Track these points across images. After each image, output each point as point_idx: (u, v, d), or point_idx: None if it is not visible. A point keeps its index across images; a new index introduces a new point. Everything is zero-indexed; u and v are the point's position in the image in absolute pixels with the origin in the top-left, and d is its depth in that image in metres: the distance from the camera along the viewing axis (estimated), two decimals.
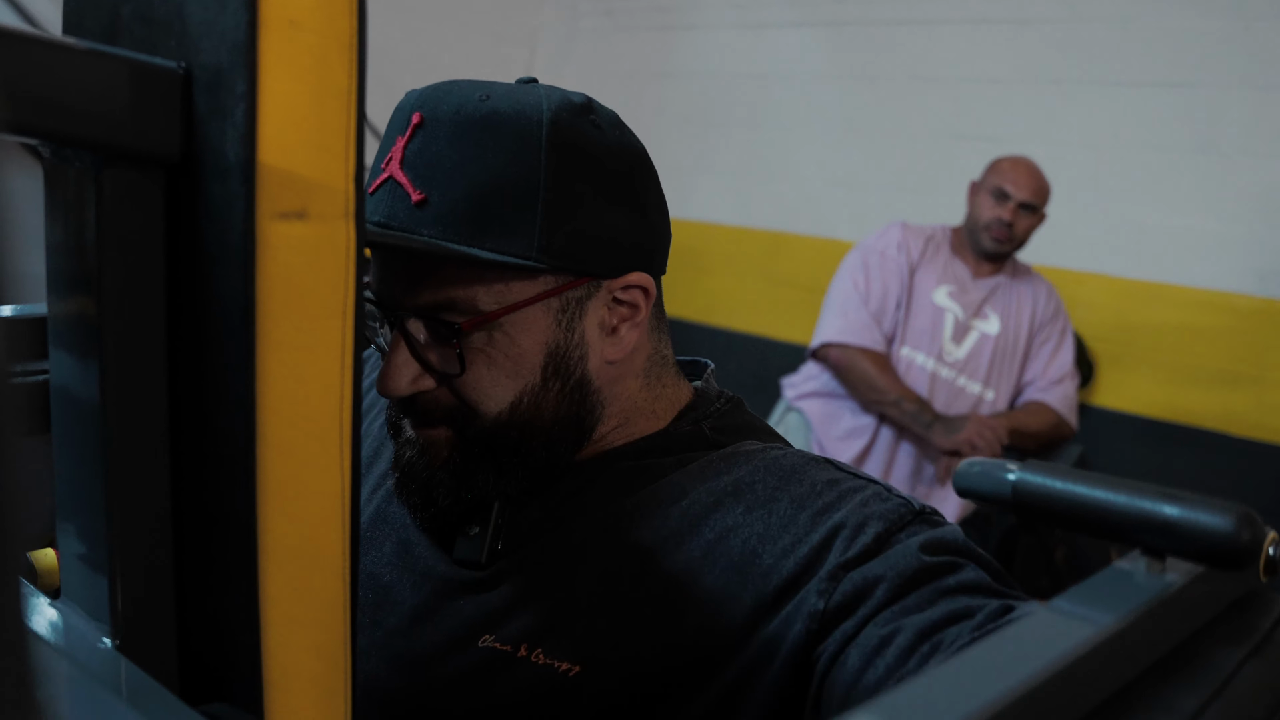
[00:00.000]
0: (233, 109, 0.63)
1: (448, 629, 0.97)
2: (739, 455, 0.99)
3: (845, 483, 0.95)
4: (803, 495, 0.93)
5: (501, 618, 0.95)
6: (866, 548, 0.89)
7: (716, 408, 1.07)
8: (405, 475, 0.99)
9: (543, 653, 0.92)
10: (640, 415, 1.03)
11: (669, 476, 0.98)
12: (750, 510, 0.93)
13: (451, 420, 0.95)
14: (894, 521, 0.91)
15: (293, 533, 0.67)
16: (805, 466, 0.97)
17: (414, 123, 0.91)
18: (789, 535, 0.91)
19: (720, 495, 0.95)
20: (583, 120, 0.92)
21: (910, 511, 0.92)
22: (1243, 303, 3.71)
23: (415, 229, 0.89)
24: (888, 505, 0.92)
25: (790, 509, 0.93)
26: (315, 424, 0.66)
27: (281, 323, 0.64)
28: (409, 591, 1.02)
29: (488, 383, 0.93)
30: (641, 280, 0.97)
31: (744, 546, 0.92)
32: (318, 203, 0.64)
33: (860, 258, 3.15)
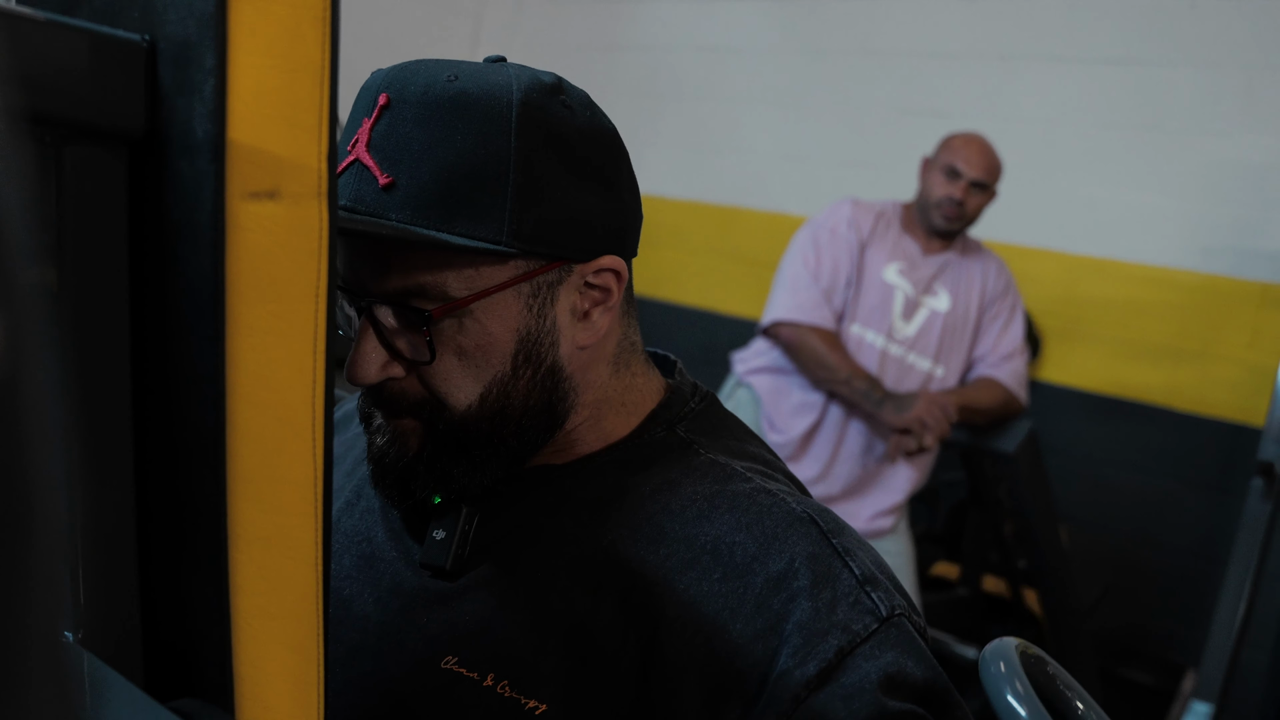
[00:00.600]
0: (201, 84, 0.60)
1: (413, 647, 0.94)
2: (721, 497, 0.96)
3: (821, 561, 0.91)
4: (779, 574, 0.90)
5: (467, 639, 0.93)
6: (828, 663, 0.86)
7: (690, 407, 1.04)
8: (379, 466, 0.96)
9: (509, 685, 0.90)
10: (611, 408, 1.01)
11: (647, 509, 0.95)
12: (726, 579, 0.90)
13: (420, 412, 0.93)
14: (857, 634, 0.87)
15: (264, 521, 0.65)
16: (787, 531, 0.93)
17: (380, 104, 0.88)
18: (760, 619, 0.88)
19: (699, 552, 0.92)
20: (553, 101, 0.90)
21: (877, 620, 0.89)
22: (1188, 279, 3.75)
23: (383, 213, 0.86)
24: (855, 611, 0.89)
25: (763, 589, 0.90)
26: (286, 410, 0.64)
27: (252, 305, 0.62)
28: (371, 606, 0.99)
29: (458, 371, 0.91)
30: (614, 264, 0.94)
31: (715, 618, 0.89)
32: (290, 182, 0.62)
33: (810, 235, 3.15)
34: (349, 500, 1.07)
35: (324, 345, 0.65)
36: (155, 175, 0.63)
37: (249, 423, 0.63)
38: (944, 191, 3.03)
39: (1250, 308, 3.63)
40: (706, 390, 1.08)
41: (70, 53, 0.61)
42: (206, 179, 0.61)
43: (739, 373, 3.29)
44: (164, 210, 0.63)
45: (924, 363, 3.10)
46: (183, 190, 0.62)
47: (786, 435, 3.12)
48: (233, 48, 0.60)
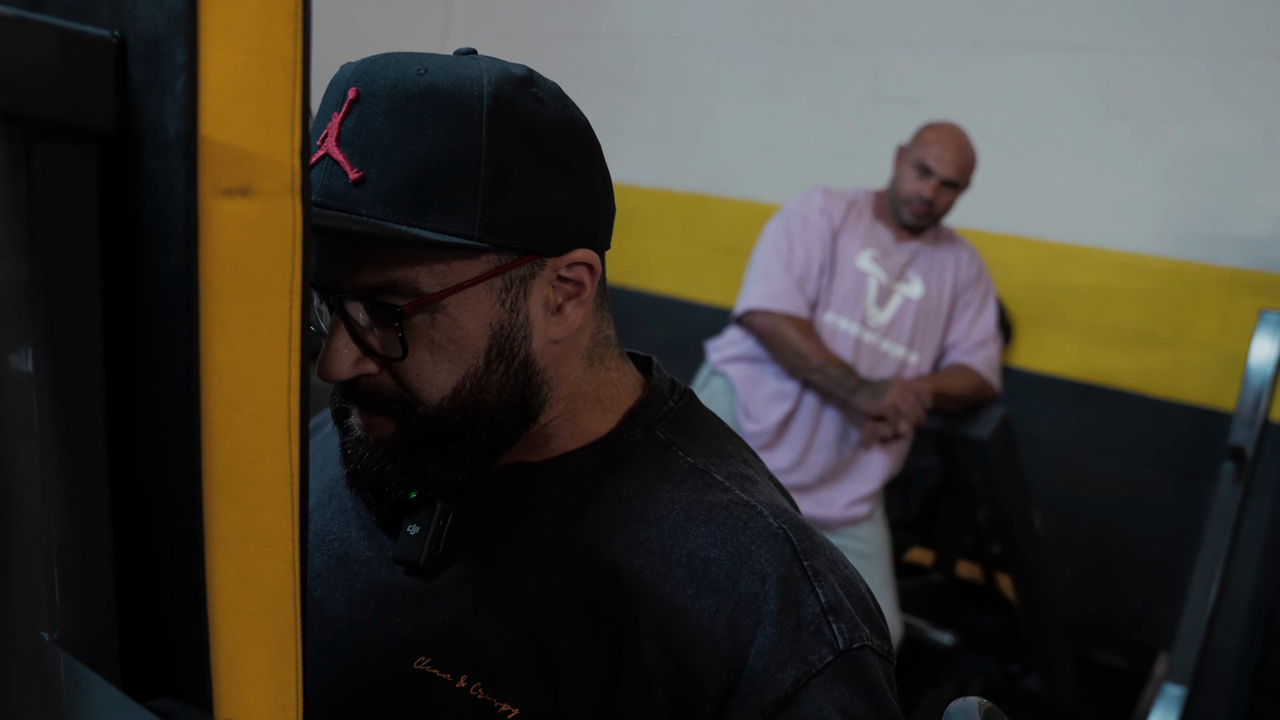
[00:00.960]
0: (172, 81, 0.60)
1: (386, 648, 0.94)
2: (699, 509, 0.96)
3: (790, 585, 0.92)
4: (749, 597, 0.91)
5: (440, 640, 0.93)
6: (784, 694, 0.87)
7: (670, 406, 1.04)
8: (353, 469, 0.96)
9: (482, 688, 0.90)
10: (586, 404, 1.01)
11: (624, 517, 0.96)
12: (699, 596, 0.91)
13: (393, 408, 0.92)
14: (813, 665, 0.89)
15: (240, 520, 0.65)
16: (761, 550, 0.93)
17: (350, 98, 0.87)
18: (728, 641, 0.89)
19: (674, 566, 0.92)
20: (524, 94, 0.89)
21: (833, 653, 0.90)
22: (1159, 264, 3.77)
23: (353, 208, 0.85)
24: (814, 641, 0.90)
25: (734, 611, 0.90)
26: (262, 408, 0.64)
27: (226, 304, 0.62)
28: (344, 607, 0.98)
29: (430, 367, 0.90)
30: (586, 257, 0.94)
31: (688, 635, 0.90)
32: (262, 179, 0.62)
33: (783, 224, 3.15)
34: (320, 501, 1.07)
35: (299, 343, 0.65)
36: (127, 173, 0.63)
37: (224, 421, 0.63)
38: (913, 188, 3.03)
39: (1220, 293, 3.65)
40: (685, 388, 1.07)
41: (39, 49, 0.60)
42: (179, 176, 0.60)
43: (714, 361, 3.29)
44: (136, 208, 0.63)
45: (898, 350, 3.10)
46: (155, 188, 0.61)
47: (762, 424, 3.13)
48: (204, 43, 0.60)
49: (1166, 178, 3.75)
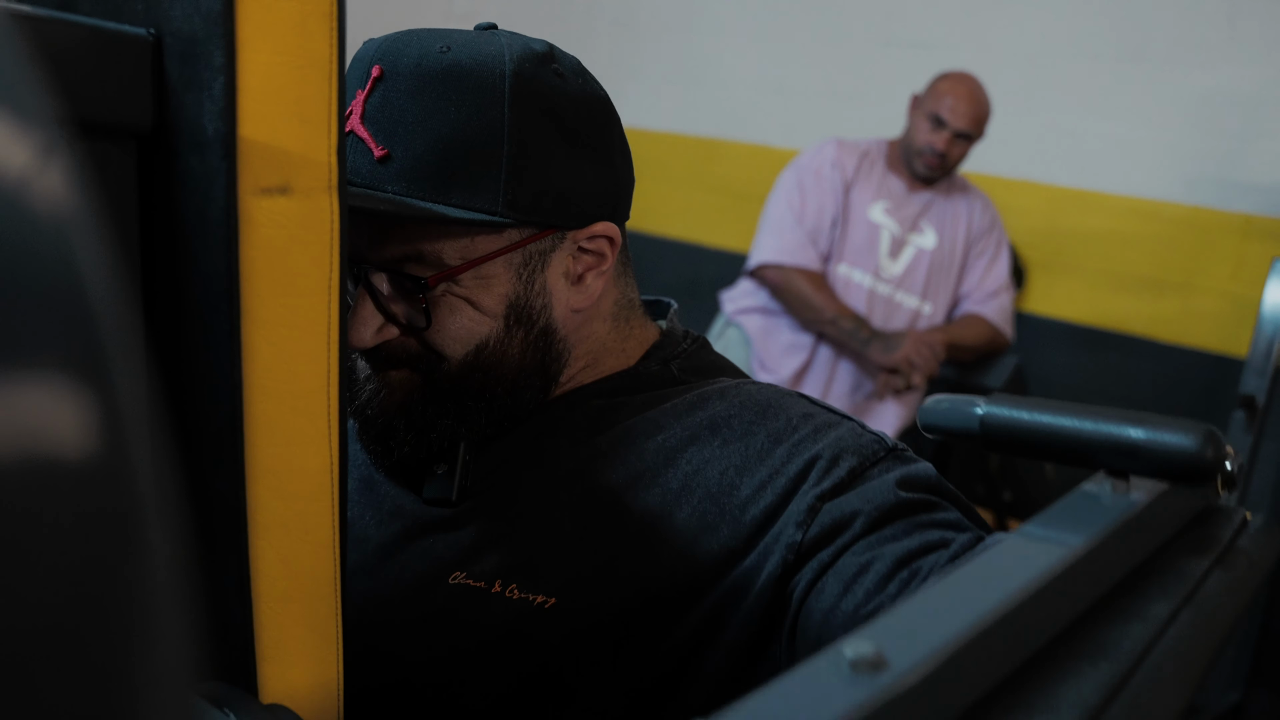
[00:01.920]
0: (211, 81, 0.61)
1: (417, 567, 0.96)
2: (712, 393, 0.99)
3: (820, 417, 0.95)
4: (779, 430, 0.93)
5: (473, 555, 0.95)
6: (841, 480, 0.89)
7: (684, 348, 1.06)
8: (363, 420, 0.98)
9: (517, 588, 0.91)
10: (608, 354, 1.03)
11: (643, 414, 0.98)
12: (727, 444, 0.93)
13: (417, 365, 0.95)
14: (868, 456, 0.91)
15: (282, 509, 0.66)
16: (781, 400, 0.97)
17: (374, 76, 0.89)
18: (765, 468, 0.91)
19: (696, 430, 0.95)
20: (545, 70, 0.91)
21: (884, 448, 0.93)
22: (1171, 211, 3.76)
23: (378, 185, 0.87)
24: (862, 440, 0.93)
25: (767, 442, 0.93)
26: (302, 400, 0.66)
27: (266, 300, 0.63)
28: (373, 528, 1.00)
29: (451, 332, 0.93)
30: (607, 230, 0.96)
31: (721, 479, 0.92)
32: (300, 177, 0.63)
33: (795, 177, 3.14)
34: (350, 426, 1.08)
35: (337, 336, 0.66)
36: (165, 170, 0.64)
37: (266, 413, 0.65)
38: (926, 140, 3.02)
39: (1233, 239, 3.64)
40: (699, 335, 1.10)
41: (76, 48, 0.61)
42: (218, 175, 0.61)
43: (728, 312, 3.30)
44: (175, 205, 0.64)
45: (911, 300, 3.11)
46: (194, 186, 0.63)
47: (777, 375, 3.14)
48: (241, 45, 0.61)
49: (1180, 123, 3.73)
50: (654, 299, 1.12)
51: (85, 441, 0.22)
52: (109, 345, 0.24)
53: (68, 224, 0.25)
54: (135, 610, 0.23)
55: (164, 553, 0.25)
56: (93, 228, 0.26)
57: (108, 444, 0.23)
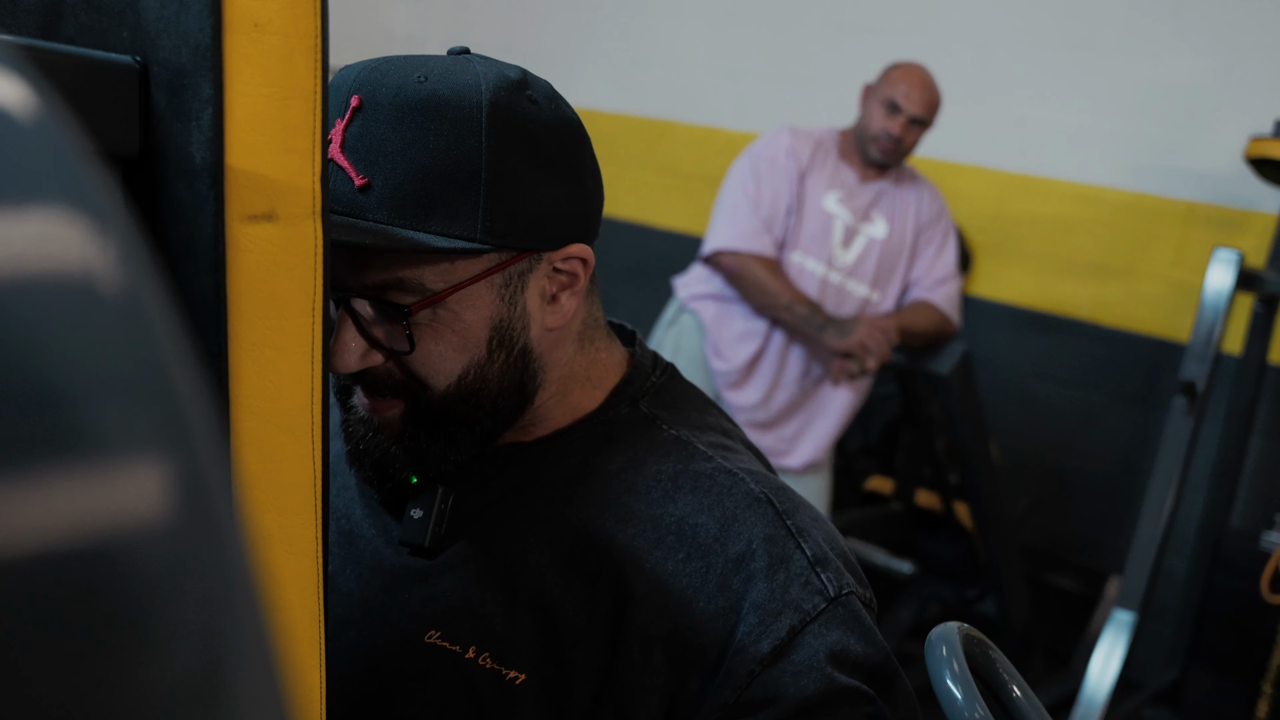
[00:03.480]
0: (199, 112, 0.63)
1: (396, 624, 1.00)
2: (685, 478, 1.01)
3: (777, 543, 0.98)
4: (737, 556, 0.96)
5: (448, 615, 0.98)
6: (779, 642, 0.93)
7: (653, 382, 1.09)
8: (356, 448, 1.00)
9: (490, 658, 0.96)
10: (577, 383, 1.06)
11: (614, 489, 1.01)
12: (690, 560, 0.97)
13: (403, 391, 0.97)
14: (807, 613, 0.94)
15: (267, 522, 0.69)
16: (746, 513, 0.99)
17: (353, 106, 0.91)
18: (721, 598, 0.95)
19: (664, 533, 0.98)
20: (519, 98, 0.93)
21: (825, 600, 0.96)
22: (1116, 197, 3.83)
23: (359, 213, 0.89)
24: (806, 591, 0.96)
25: (724, 570, 0.96)
26: (287, 418, 0.68)
27: (253, 323, 0.65)
28: (354, 582, 1.04)
29: (435, 358, 0.95)
30: (580, 251, 0.99)
31: (680, 596, 0.96)
32: (285, 204, 0.65)
33: (750, 165, 3.17)
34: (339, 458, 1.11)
35: (320, 355, 0.68)
36: (151, 196, 0.66)
37: (252, 432, 0.67)
38: (882, 125, 3.06)
39: (1176, 226, 3.72)
40: (667, 363, 1.12)
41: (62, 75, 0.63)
42: (206, 203, 0.63)
43: (682, 298, 3.33)
44: (162, 231, 0.66)
45: (861, 289, 3.15)
46: (181, 213, 0.65)
47: (730, 363, 3.18)
48: (229, 77, 0.63)
49: (1125, 111, 3.79)
50: (617, 324, 1.14)
51: (175, 515, 0.25)
52: (190, 420, 0.27)
53: (139, 305, 0.27)
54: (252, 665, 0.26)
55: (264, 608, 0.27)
56: (158, 295, 0.28)
57: (197, 516, 0.26)
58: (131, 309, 0.26)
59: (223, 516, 0.27)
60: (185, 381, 0.27)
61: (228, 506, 0.27)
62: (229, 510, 0.27)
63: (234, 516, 0.27)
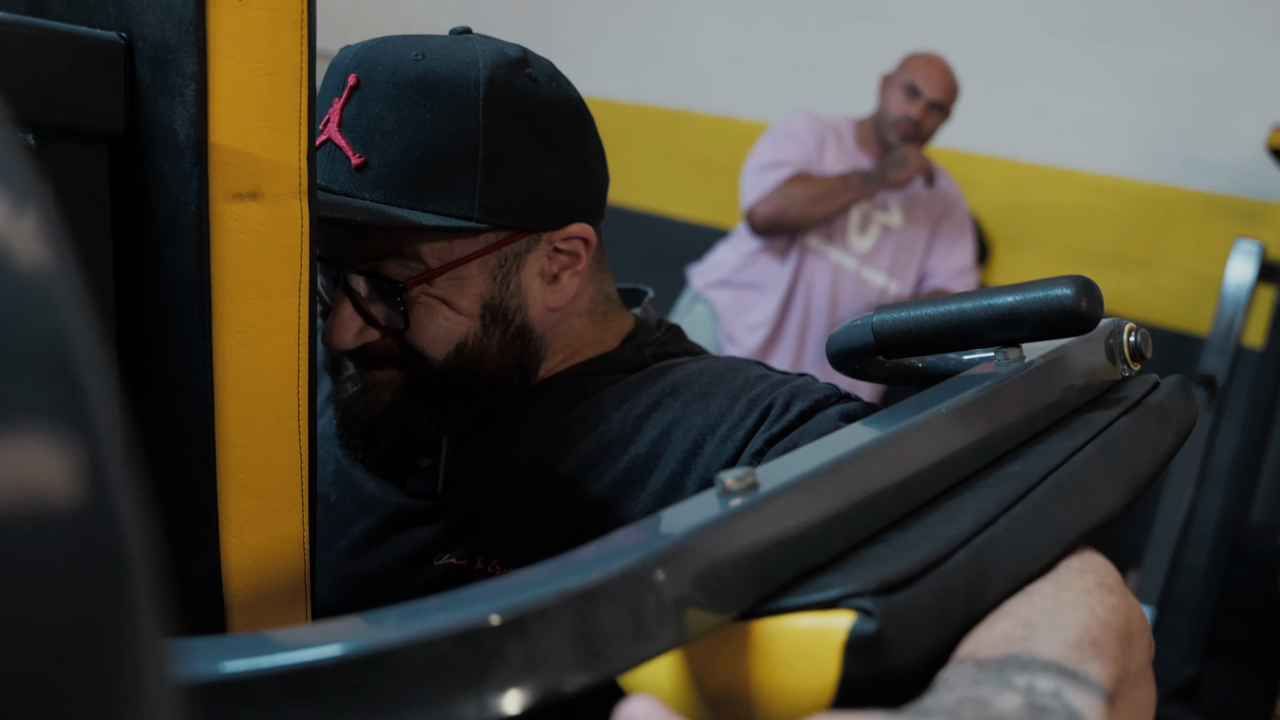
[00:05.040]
0: (182, 89, 0.62)
1: (403, 551, 0.99)
2: (673, 364, 1.03)
3: (776, 375, 0.99)
4: (737, 387, 0.97)
5: (455, 538, 0.98)
6: (790, 422, 0.92)
7: (658, 336, 1.09)
8: (346, 416, 1.00)
9: (499, 564, 0.95)
10: (587, 347, 1.06)
11: (611, 388, 1.01)
12: (689, 405, 0.97)
13: (401, 364, 0.97)
14: (818, 400, 0.94)
15: (253, 506, 0.68)
16: (738, 365, 1.01)
17: (350, 84, 0.90)
18: (726, 423, 0.94)
19: (659, 396, 0.98)
20: (519, 76, 0.92)
21: (836, 394, 0.96)
22: (1134, 187, 3.79)
23: (356, 192, 0.89)
24: (814, 387, 0.96)
25: (725, 400, 0.96)
26: (273, 400, 0.67)
27: (237, 303, 0.64)
28: (356, 512, 1.03)
29: (430, 333, 0.95)
30: (582, 231, 0.98)
31: (686, 439, 0.95)
32: (271, 182, 0.64)
33: (770, 140, 3.16)
34: (331, 416, 1.10)
35: (307, 337, 0.67)
36: (136, 174, 0.65)
37: (237, 413, 0.66)
38: (902, 110, 3.05)
39: (1196, 217, 3.68)
40: (673, 324, 1.13)
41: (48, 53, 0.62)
42: (190, 181, 0.62)
43: (696, 287, 3.31)
44: (146, 209, 0.65)
45: (879, 277, 3.13)
46: (166, 191, 0.64)
47: (744, 349, 3.16)
48: (213, 53, 0.62)
49: (1144, 100, 3.75)
50: (630, 287, 1.14)
51: (74, 494, 0.24)
52: (94, 399, 0.26)
53: (48, 281, 0.26)
54: (126, 659, 0.24)
55: (151, 601, 0.26)
56: (73, 279, 0.27)
57: (95, 495, 0.24)
58: (41, 285, 0.25)
59: (119, 503, 0.26)
60: (91, 363, 0.26)
61: (125, 493, 0.26)
62: (126, 498, 0.26)
63: (131, 506, 0.26)
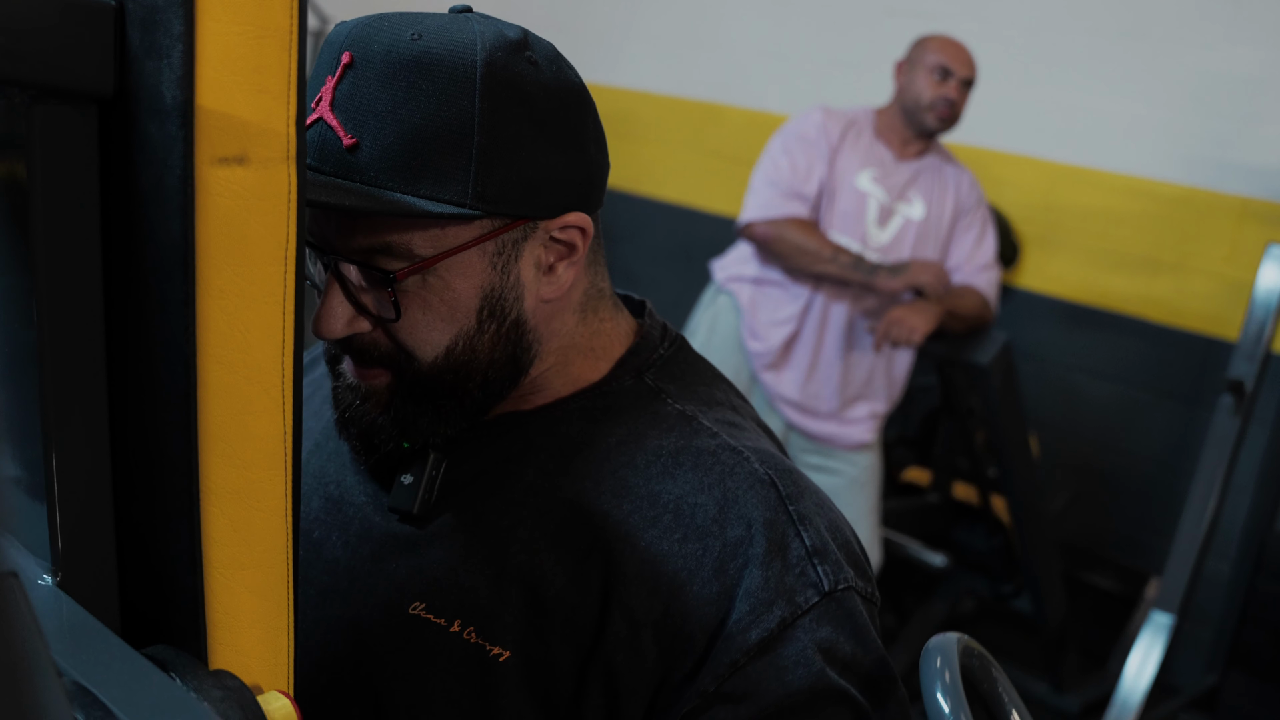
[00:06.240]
0: (169, 49, 0.61)
1: (381, 593, 0.97)
2: (686, 455, 0.98)
3: (776, 528, 0.94)
4: (735, 541, 0.93)
5: (434, 587, 0.96)
6: (768, 633, 0.90)
7: (660, 353, 1.05)
8: (344, 416, 0.98)
9: (475, 632, 0.93)
10: (578, 354, 1.02)
11: (613, 463, 0.98)
12: (686, 541, 0.94)
13: (389, 362, 0.94)
14: (800, 606, 0.92)
15: (234, 476, 0.67)
16: (747, 495, 0.96)
17: (344, 62, 0.88)
18: (714, 584, 0.92)
19: (661, 511, 0.95)
20: (518, 59, 0.89)
21: (819, 595, 0.93)
22: (1167, 190, 3.75)
23: (347, 173, 0.86)
24: (800, 583, 0.93)
25: (720, 554, 0.93)
26: (256, 370, 0.66)
27: (221, 269, 0.63)
28: (341, 549, 1.01)
29: (423, 327, 0.92)
30: (579, 220, 0.95)
31: (674, 579, 0.93)
32: (258, 147, 0.63)
33: (781, 143, 3.15)
34: (317, 442, 1.09)
35: (293, 307, 0.66)
36: (125, 137, 0.64)
37: (219, 382, 0.65)
38: (937, 93, 3.02)
39: (1229, 221, 3.64)
40: (676, 333, 1.09)
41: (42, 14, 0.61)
42: (175, 144, 0.62)
43: (719, 280, 3.30)
44: (134, 173, 0.64)
45: None
46: (152, 154, 0.63)
47: (766, 344, 3.15)
48: (200, 13, 0.61)
49: (1179, 102, 3.71)
50: (625, 295, 1.10)
51: None
52: None
53: None
54: None
55: None
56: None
57: None
58: None
59: None
60: None
61: None
62: None
63: None
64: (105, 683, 0.58)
